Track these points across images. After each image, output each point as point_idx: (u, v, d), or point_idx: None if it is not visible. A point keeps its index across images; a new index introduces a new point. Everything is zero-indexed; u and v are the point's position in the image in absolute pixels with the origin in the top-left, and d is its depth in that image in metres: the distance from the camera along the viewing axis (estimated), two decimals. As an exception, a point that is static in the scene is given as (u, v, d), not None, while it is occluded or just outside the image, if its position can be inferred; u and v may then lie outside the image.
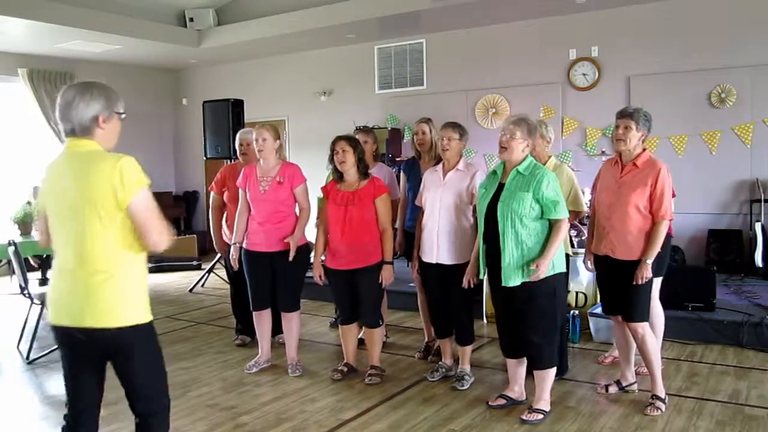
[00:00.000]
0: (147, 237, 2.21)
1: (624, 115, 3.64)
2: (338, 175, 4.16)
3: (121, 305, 2.23)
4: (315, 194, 4.69)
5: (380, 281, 4.10)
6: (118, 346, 2.26)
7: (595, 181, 4.05)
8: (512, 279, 3.45)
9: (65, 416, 2.42)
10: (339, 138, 4.16)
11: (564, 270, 3.59)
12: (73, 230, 2.22)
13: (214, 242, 5.15)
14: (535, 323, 3.49)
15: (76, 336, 2.25)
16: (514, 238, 3.42)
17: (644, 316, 3.61)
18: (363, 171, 4.13)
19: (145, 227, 2.21)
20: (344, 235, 4.07)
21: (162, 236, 2.23)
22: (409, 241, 4.50)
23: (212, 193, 5.16)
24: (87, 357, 2.32)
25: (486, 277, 3.70)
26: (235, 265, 4.43)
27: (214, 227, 5.12)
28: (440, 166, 4.13)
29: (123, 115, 2.34)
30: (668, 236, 4.05)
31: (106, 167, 2.17)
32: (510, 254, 3.43)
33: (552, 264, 3.45)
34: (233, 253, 4.42)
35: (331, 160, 4.13)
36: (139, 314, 2.28)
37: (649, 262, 3.52)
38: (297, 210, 4.35)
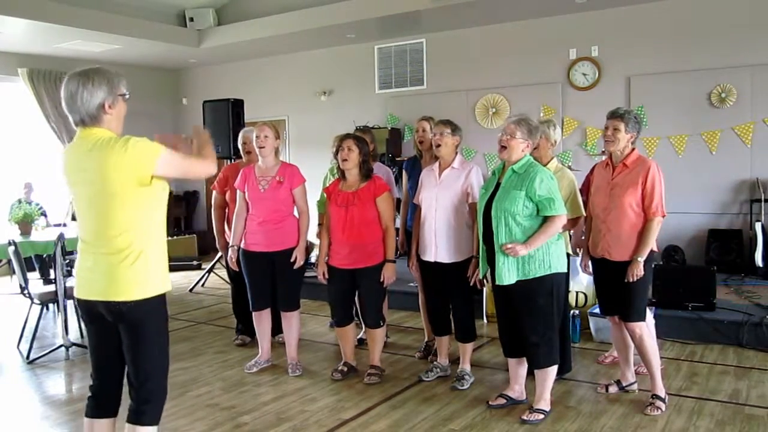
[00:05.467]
0: (195, 175, 2.43)
1: (614, 116, 3.64)
2: (341, 172, 4.16)
3: (141, 280, 2.34)
4: (314, 194, 4.67)
5: (382, 280, 4.10)
6: (134, 318, 2.36)
7: (582, 185, 4.04)
8: (507, 278, 3.44)
9: (90, 387, 2.53)
10: (348, 136, 4.15)
11: (563, 270, 3.57)
12: (96, 214, 2.33)
13: (216, 242, 5.15)
14: (533, 322, 3.49)
15: (98, 309, 2.37)
16: (507, 236, 3.41)
17: (641, 315, 3.61)
18: (366, 173, 4.12)
19: (186, 171, 2.41)
20: (346, 235, 4.06)
21: (204, 165, 2.44)
22: (411, 240, 4.48)
23: (214, 193, 5.15)
24: (109, 331, 2.42)
25: (488, 276, 3.69)
26: (234, 267, 4.44)
27: (217, 227, 5.11)
28: (437, 164, 4.12)
29: (127, 95, 2.41)
30: None
31: (118, 151, 2.26)
32: (504, 253, 3.43)
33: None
34: (231, 255, 4.43)
35: (336, 155, 4.13)
36: (157, 287, 2.40)
37: (641, 260, 3.51)
38: (296, 212, 4.35)
